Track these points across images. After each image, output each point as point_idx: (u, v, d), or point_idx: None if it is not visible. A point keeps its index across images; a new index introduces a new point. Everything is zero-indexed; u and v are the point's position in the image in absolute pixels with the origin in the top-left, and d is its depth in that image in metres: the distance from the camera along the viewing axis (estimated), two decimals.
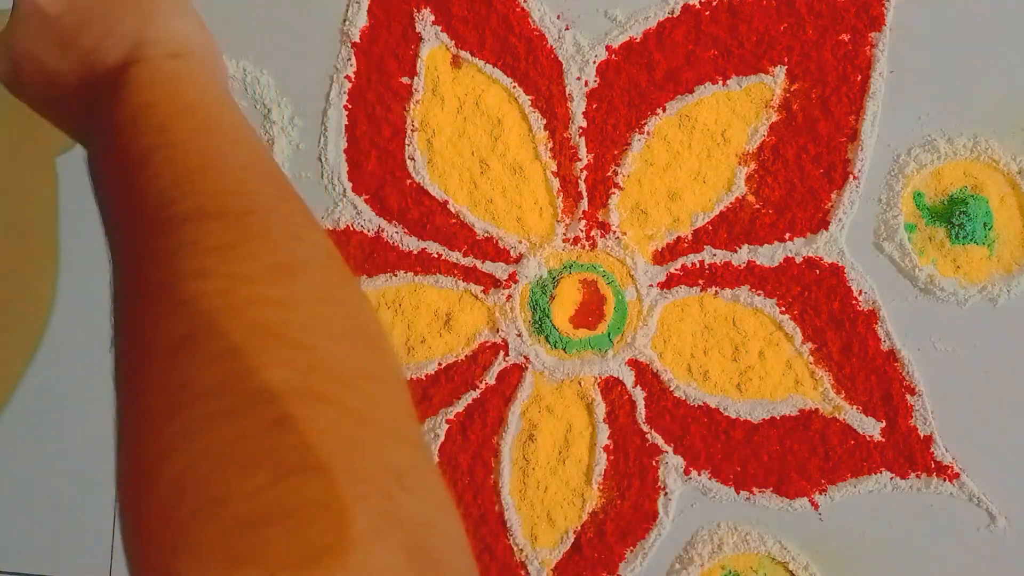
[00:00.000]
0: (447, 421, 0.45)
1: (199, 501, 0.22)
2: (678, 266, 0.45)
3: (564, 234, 0.45)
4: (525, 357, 0.45)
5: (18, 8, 0.38)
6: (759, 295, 0.44)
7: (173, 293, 0.26)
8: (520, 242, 0.45)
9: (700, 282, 0.45)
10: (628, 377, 0.45)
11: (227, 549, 0.21)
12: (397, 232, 0.46)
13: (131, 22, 0.36)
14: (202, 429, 0.23)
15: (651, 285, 0.45)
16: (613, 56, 0.44)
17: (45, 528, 0.47)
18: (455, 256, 0.45)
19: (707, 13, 0.44)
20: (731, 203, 0.44)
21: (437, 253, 0.46)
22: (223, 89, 0.36)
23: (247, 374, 0.24)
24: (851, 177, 0.44)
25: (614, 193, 0.45)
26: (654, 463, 0.45)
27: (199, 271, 0.27)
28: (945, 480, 0.43)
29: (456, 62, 0.45)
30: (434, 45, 0.45)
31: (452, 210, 0.45)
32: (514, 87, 0.45)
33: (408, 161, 0.45)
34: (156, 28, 0.36)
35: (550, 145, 0.45)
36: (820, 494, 0.44)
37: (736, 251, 0.44)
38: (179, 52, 0.36)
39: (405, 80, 0.45)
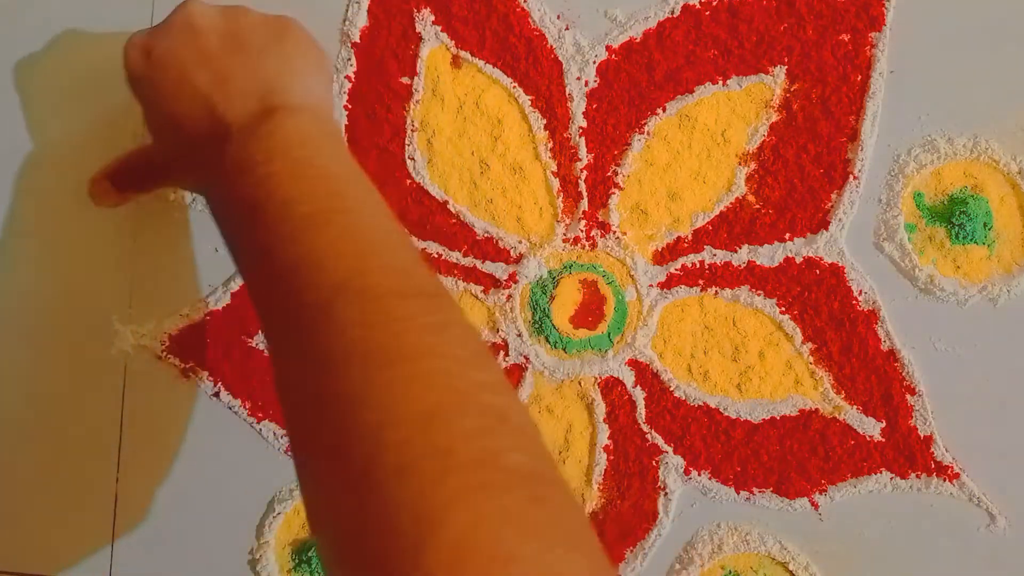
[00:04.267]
0: None
1: (486, 558, 0.26)
2: (678, 266, 0.45)
3: (564, 234, 0.45)
4: (525, 357, 0.45)
5: (172, 17, 0.40)
6: (759, 295, 0.44)
7: (405, 367, 0.31)
8: (520, 242, 0.45)
9: (700, 282, 0.45)
10: (628, 377, 0.45)
11: None
12: None
13: (274, 66, 0.39)
14: (473, 496, 0.27)
15: (651, 285, 0.45)
16: (613, 56, 0.44)
17: (45, 528, 0.47)
18: (455, 256, 0.45)
19: (707, 13, 0.44)
20: (731, 203, 0.44)
21: (437, 253, 0.46)
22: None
23: (497, 454, 0.29)
24: (851, 177, 0.44)
25: (614, 193, 0.45)
26: (654, 463, 0.45)
27: (425, 350, 0.31)
28: (945, 480, 0.43)
29: (456, 62, 0.45)
30: (434, 45, 0.45)
31: (452, 210, 0.45)
32: (514, 87, 0.45)
33: (408, 161, 0.45)
34: (296, 81, 0.39)
35: (550, 145, 0.45)
36: (820, 494, 0.44)
37: (736, 251, 0.44)
38: (319, 111, 0.39)
39: (405, 80, 0.45)
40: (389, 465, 0.29)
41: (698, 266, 0.45)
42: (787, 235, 0.44)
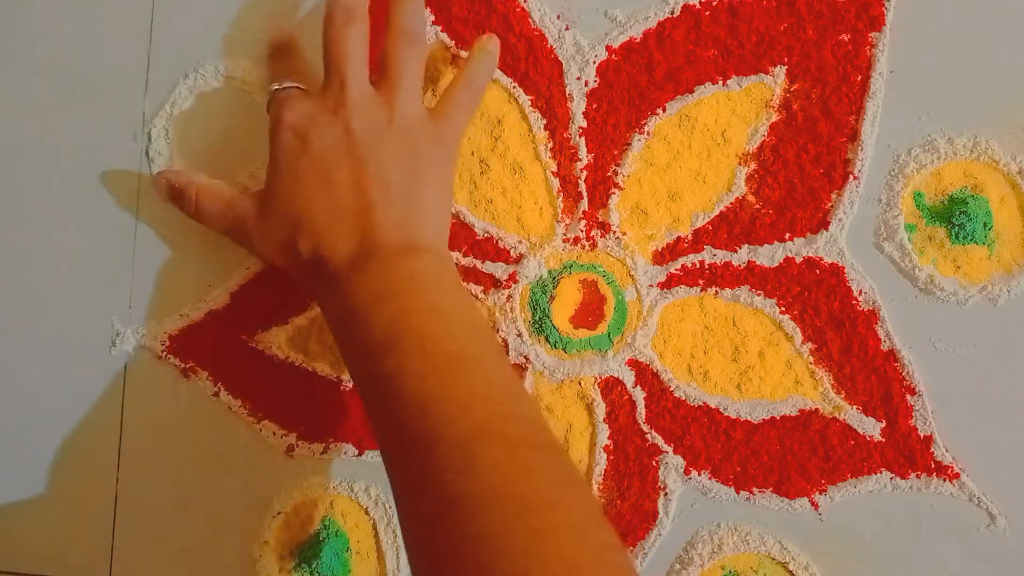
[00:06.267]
0: None
1: None
2: (678, 266, 0.45)
3: (564, 234, 0.45)
4: (525, 357, 0.45)
5: (330, 100, 0.41)
6: (759, 295, 0.44)
7: (540, 518, 0.33)
8: (520, 242, 0.45)
9: (700, 282, 0.45)
10: (628, 377, 0.45)
11: None
12: None
13: (416, 205, 0.41)
14: None
15: (651, 285, 0.45)
16: (613, 56, 0.44)
17: (45, 528, 0.47)
18: (455, 256, 0.45)
19: (707, 13, 0.44)
20: (731, 203, 0.44)
21: None
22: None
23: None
24: (851, 177, 0.44)
25: (614, 193, 0.45)
26: (654, 463, 0.45)
27: (555, 503, 0.34)
28: (945, 480, 0.43)
29: (456, 62, 0.45)
30: (434, 45, 0.45)
31: (452, 210, 0.45)
32: (514, 87, 0.45)
33: None
34: (430, 223, 0.41)
35: (550, 145, 0.45)
36: (820, 494, 0.44)
37: (736, 251, 0.44)
38: (446, 254, 0.42)
39: None
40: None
41: (698, 266, 0.45)
42: (787, 235, 0.44)
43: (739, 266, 0.44)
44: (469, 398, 0.36)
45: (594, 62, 0.45)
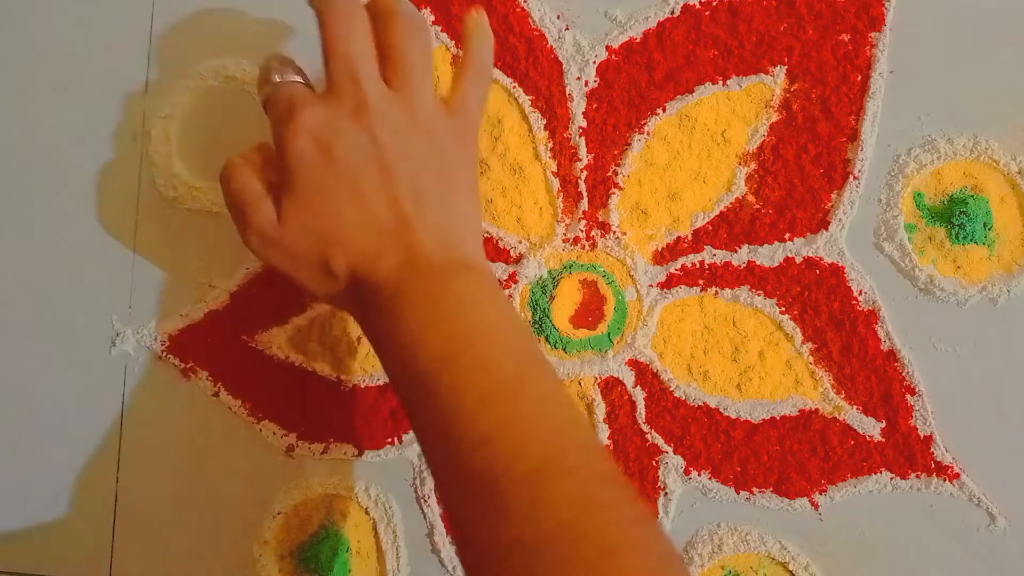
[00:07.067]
0: None
1: None
2: (678, 266, 0.45)
3: (564, 234, 0.45)
4: None
5: (350, 106, 0.37)
6: (759, 295, 0.44)
7: (620, 560, 0.31)
8: (520, 242, 0.45)
9: (700, 282, 0.45)
10: (628, 377, 0.45)
11: None
12: None
13: (455, 218, 0.38)
14: None
15: (651, 285, 0.45)
16: (613, 56, 0.44)
17: (45, 528, 0.47)
18: None
19: (707, 13, 0.44)
20: (731, 203, 0.44)
21: None
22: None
23: None
24: (851, 177, 0.44)
25: (614, 193, 0.45)
26: (654, 463, 0.45)
27: (633, 545, 0.32)
28: (945, 480, 0.43)
29: (456, 62, 0.45)
30: (434, 45, 0.45)
31: None
32: (514, 87, 0.45)
33: None
34: (471, 238, 0.39)
35: (550, 145, 0.45)
36: (820, 494, 0.44)
37: (736, 251, 0.44)
38: (491, 271, 0.40)
39: None
40: None
41: (698, 266, 0.45)
42: (787, 235, 0.44)
43: (739, 266, 0.44)
44: (532, 427, 0.34)
45: (594, 62, 0.45)
